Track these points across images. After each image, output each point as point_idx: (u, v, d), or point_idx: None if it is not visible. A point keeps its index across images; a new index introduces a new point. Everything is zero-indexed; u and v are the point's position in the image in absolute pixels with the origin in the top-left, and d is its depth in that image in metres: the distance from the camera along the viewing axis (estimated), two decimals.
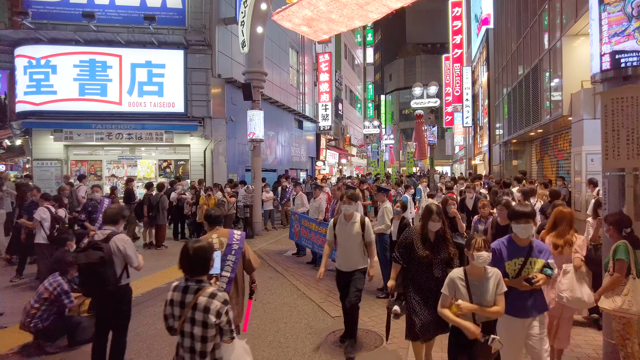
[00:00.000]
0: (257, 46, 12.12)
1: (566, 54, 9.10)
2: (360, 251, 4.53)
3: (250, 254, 4.08)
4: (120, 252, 3.71)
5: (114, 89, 13.39)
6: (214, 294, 2.46)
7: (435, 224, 3.66)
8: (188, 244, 2.61)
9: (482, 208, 5.61)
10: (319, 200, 8.61)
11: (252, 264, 4.05)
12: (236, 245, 4.01)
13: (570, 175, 10.77)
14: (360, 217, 4.57)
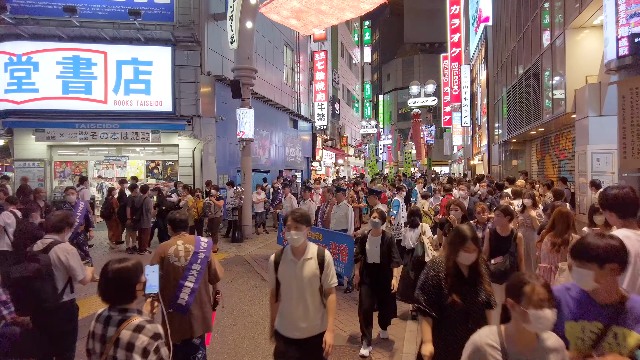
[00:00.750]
0: (246, 42, 11.63)
1: (569, 47, 8.63)
2: (318, 304, 3.00)
3: (216, 264, 3.69)
4: (62, 264, 3.22)
5: (99, 87, 12.89)
6: (141, 326, 1.98)
7: (469, 255, 2.57)
8: (108, 264, 2.11)
9: (481, 213, 5.06)
10: (308, 202, 8.11)
11: (218, 274, 3.68)
12: (202, 254, 3.59)
13: (574, 176, 10.31)
14: (318, 252, 3.01)
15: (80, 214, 7.23)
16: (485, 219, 4.95)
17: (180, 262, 3.51)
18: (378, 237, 4.66)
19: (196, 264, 3.55)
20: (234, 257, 9.39)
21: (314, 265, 2.94)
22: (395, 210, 8.02)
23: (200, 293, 3.54)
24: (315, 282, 2.93)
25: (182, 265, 3.50)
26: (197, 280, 3.51)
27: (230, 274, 7.99)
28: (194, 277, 3.51)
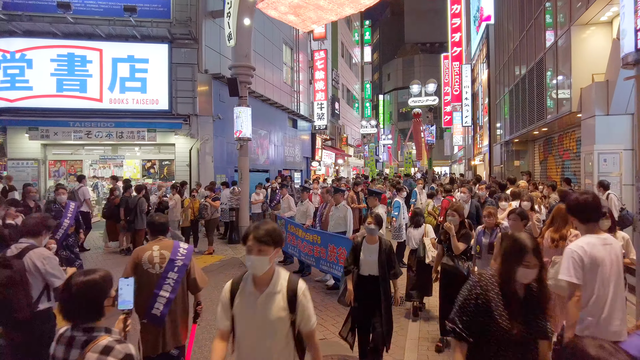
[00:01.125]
0: (244, 39, 11.39)
1: (575, 45, 8.40)
2: (287, 357, 2.19)
3: (196, 272, 3.45)
4: (37, 271, 2.99)
5: (94, 84, 12.65)
6: (110, 347, 1.74)
7: (529, 271, 2.12)
8: (72, 277, 1.87)
9: (488, 217, 4.70)
10: (306, 203, 7.88)
11: (198, 283, 3.44)
12: (180, 262, 3.36)
13: (580, 177, 10.08)
14: (289, 283, 2.23)
15: (71, 214, 6.97)
16: (493, 223, 4.61)
17: (155, 270, 3.28)
18: (375, 244, 4.01)
19: (172, 272, 3.32)
20: (229, 260, 9.15)
21: (281, 302, 2.14)
22: (396, 212, 7.80)
23: (177, 304, 3.32)
24: (282, 325, 2.13)
25: (156, 273, 3.28)
26: (173, 289, 3.29)
27: (225, 276, 7.75)
28: (170, 287, 3.29)
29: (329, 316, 5.64)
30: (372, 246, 4.01)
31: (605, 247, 2.58)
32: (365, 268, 4.00)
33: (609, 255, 2.57)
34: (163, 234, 3.51)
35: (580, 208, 2.66)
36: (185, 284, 3.42)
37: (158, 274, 3.28)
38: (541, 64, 10.83)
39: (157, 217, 3.52)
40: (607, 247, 2.59)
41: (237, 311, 2.19)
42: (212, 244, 10.04)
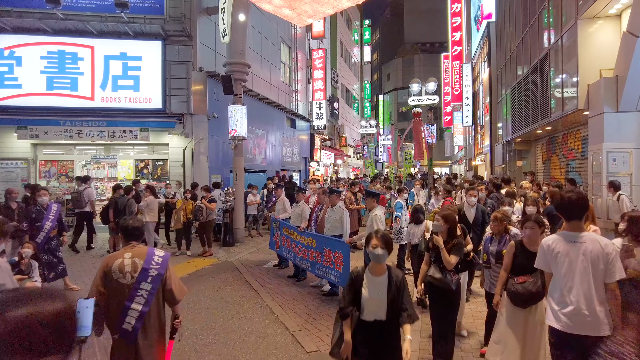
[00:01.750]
0: (239, 35, 11.06)
1: (582, 40, 8.05)
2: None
3: (173, 282, 3.13)
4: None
5: (86, 82, 12.30)
6: None
7: None
8: (7, 306, 1.29)
9: (494, 222, 4.27)
10: (301, 205, 7.53)
11: (175, 295, 3.13)
12: (154, 271, 3.02)
13: (586, 177, 9.73)
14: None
15: (53, 216, 6.65)
16: (502, 229, 4.22)
17: (126, 280, 2.96)
18: (382, 276, 2.93)
19: (145, 282, 2.99)
20: (222, 263, 8.80)
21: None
22: (399, 212, 7.46)
23: (151, 318, 3.00)
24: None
25: (127, 283, 2.95)
26: (146, 302, 2.96)
27: (217, 281, 7.41)
28: (143, 299, 2.97)
29: (324, 325, 5.29)
30: (378, 279, 2.93)
31: (573, 244, 2.78)
32: (370, 310, 2.91)
33: (576, 251, 2.76)
34: (137, 239, 3.19)
35: (564, 206, 2.86)
36: (161, 296, 3.10)
37: (129, 285, 2.96)
38: (545, 61, 10.48)
39: (130, 221, 3.19)
40: (575, 244, 2.77)
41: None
42: (211, 245, 9.71)
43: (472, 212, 6.12)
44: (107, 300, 2.94)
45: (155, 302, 3.04)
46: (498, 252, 4.11)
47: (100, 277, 2.96)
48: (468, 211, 6.16)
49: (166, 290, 3.10)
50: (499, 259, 4.00)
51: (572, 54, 8.44)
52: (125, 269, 2.98)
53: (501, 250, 4.04)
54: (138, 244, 3.18)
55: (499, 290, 3.74)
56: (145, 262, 3.04)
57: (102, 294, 2.93)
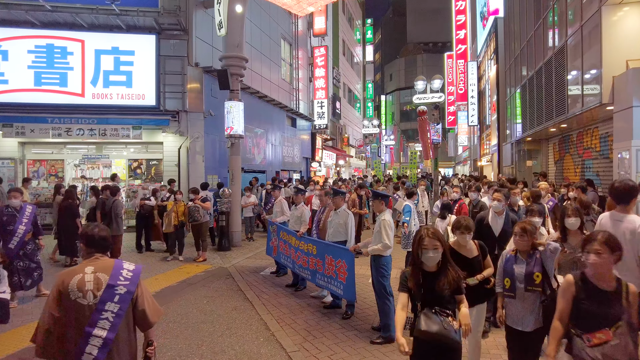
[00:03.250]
0: (236, 27, 10.45)
1: (606, 28, 7.41)
2: None
3: (146, 301, 2.54)
4: None
5: (76, 78, 11.73)
6: None
7: None
8: None
9: (525, 236, 3.19)
10: (300, 208, 6.91)
11: (148, 317, 2.54)
12: (122, 288, 2.44)
13: (606, 177, 9.09)
14: None
15: (27, 219, 6.05)
16: (528, 245, 3.22)
17: (87, 300, 2.37)
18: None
19: (112, 302, 2.39)
20: (216, 270, 8.17)
21: None
22: (407, 217, 6.82)
23: (118, 346, 2.41)
24: None
25: (89, 304, 2.36)
26: (112, 326, 2.38)
27: (208, 291, 6.79)
28: (108, 323, 2.37)
29: (325, 345, 4.67)
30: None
31: (615, 222, 3.40)
32: None
33: (618, 228, 3.30)
34: (103, 250, 2.59)
35: (616, 191, 3.45)
36: (131, 318, 2.51)
37: (91, 306, 2.37)
38: (561, 54, 9.84)
39: (97, 229, 2.59)
40: (617, 222, 3.39)
41: None
42: (205, 250, 9.10)
43: (500, 223, 4.73)
44: (62, 326, 2.35)
45: (123, 327, 2.45)
46: (528, 275, 3.12)
47: (54, 298, 2.37)
48: (494, 221, 4.77)
49: (137, 311, 2.51)
50: (531, 285, 3.10)
51: (594, 44, 7.80)
52: (86, 286, 2.38)
53: (533, 272, 3.12)
54: (103, 256, 2.58)
55: (552, 352, 2.48)
56: (112, 277, 2.45)
57: (57, 319, 2.34)
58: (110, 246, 2.68)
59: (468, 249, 3.61)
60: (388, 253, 4.81)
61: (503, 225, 4.69)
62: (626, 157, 6.90)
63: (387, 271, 4.79)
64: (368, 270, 5.26)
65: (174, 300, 6.28)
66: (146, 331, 2.59)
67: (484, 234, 4.57)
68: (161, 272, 8.00)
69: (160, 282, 7.24)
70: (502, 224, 4.70)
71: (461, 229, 3.54)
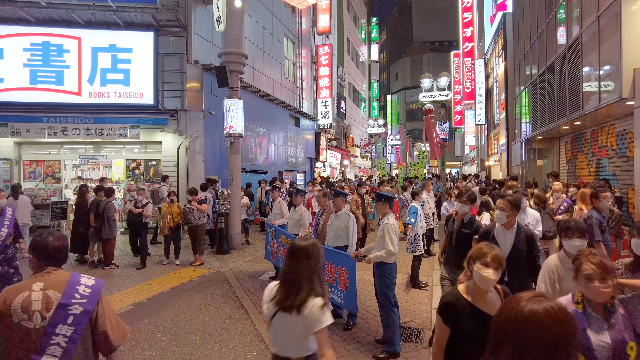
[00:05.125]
0: (235, 22, 10.10)
1: (626, 18, 6.95)
2: None
3: (108, 322, 2.16)
4: None
5: (72, 76, 11.44)
6: None
7: None
8: None
9: (608, 278, 1.94)
10: (300, 210, 6.52)
11: (111, 339, 2.16)
12: (78, 308, 2.06)
13: (623, 177, 8.61)
14: None
15: (9, 222, 5.70)
16: (610, 294, 1.97)
17: (33, 322, 1.99)
18: None
19: (64, 324, 2.01)
20: (212, 274, 7.80)
21: None
22: (413, 219, 6.41)
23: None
24: None
25: (35, 328, 1.98)
26: (65, 353, 2.00)
27: (202, 297, 6.42)
28: (60, 349, 2.00)
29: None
30: None
31: None
32: None
33: None
34: (57, 263, 2.21)
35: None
36: (90, 342, 2.12)
37: (39, 330, 1.99)
38: (576, 47, 9.37)
39: (50, 237, 2.21)
40: None
41: None
42: (202, 253, 8.74)
43: (509, 239, 3.60)
44: (4, 353, 1.99)
45: (80, 352, 2.07)
46: (618, 346, 1.87)
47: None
48: (501, 236, 3.65)
49: (98, 333, 2.13)
50: None
51: (612, 36, 7.34)
52: (32, 306, 2.01)
53: (624, 340, 1.89)
54: (57, 269, 2.20)
55: None
56: (65, 295, 2.06)
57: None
58: (66, 258, 2.30)
59: (489, 302, 2.19)
60: (393, 260, 4.41)
61: (513, 241, 3.59)
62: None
63: (391, 280, 4.38)
64: (372, 276, 4.85)
65: (165, 308, 5.91)
66: (109, 355, 2.21)
67: (531, 254, 3.62)
68: (155, 276, 7.65)
69: (153, 288, 6.89)
70: (512, 240, 3.60)
71: (486, 260, 2.17)
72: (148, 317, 5.55)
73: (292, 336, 2.21)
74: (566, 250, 2.91)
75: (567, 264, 2.78)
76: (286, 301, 2.21)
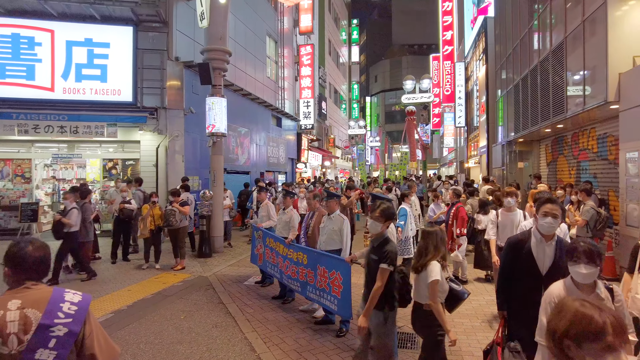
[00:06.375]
0: (219, 18, 9.81)
1: (613, 22, 7.03)
2: None
3: (97, 343, 1.89)
4: None
5: (44, 71, 10.90)
6: None
7: None
8: None
9: None
10: (289, 212, 6.30)
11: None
12: (62, 329, 1.79)
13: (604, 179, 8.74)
14: None
15: None
16: None
17: (8, 347, 1.72)
18: None
19: (46, 349, 1.75)
20: (195, 279, 7.50)
21: None
22: (402, 221, 6.30)
23: None
24: None
25: (11, 353, 1.72)
26: None
27: (186, 304, 6.12)
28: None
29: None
30: None
31: None
32: None
33: None
34: (37, 277, 1.93)
35: None
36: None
37: (14, 355, 1.71)
38: (560, 51, 9.48)
39: (29, 247, 1.92)
40: None
41: None
42: (184, 257, 8.40)
43: (549, 253, 2.98)
44: None
45: None
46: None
47: None
48: (539, 249, 3.00)
49: (84, 356, 1.85)
50: None
51: (599, 39, 7.42)
52: (7, 328, 1.72)
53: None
54: (38, 284, 1.92)
55: None
56: (46, 314, 1.78)
57: None
58: (47, 270, 2.03)
59: None
60: None
61: (554, 257, 2.96)
62: (635, 158, 6.53)
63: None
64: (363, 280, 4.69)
65: (147, 316, 5.60)
66: None
67: (522, 269, 3.04)
68: (135, 282, 7.29)
69: (133, 294, 6.54)
70: (552, 255, 2.97)
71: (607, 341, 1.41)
72: (129, 326, 5.24)
73: None
74: (573, 278, 2.36)
75: (574, 295, 2.23)
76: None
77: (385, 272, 3.25)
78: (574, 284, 2.33)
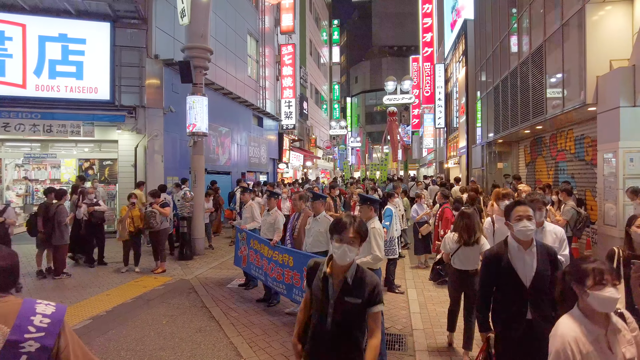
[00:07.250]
0: (200, 16, 9.59)
1: (590, 27, 7.21)
2: None
3: (72, 356, 1.70)
4: None
5: (15, 67, 10.46)
6: None
7: None
8: None
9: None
10: (274, 213, 6.20)
11: None
12: (33, 344, 1.62)
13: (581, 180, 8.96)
14: None
15: None
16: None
17: None
18: None
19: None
20: (177, 282, 7.31)
21: None
22: (388, 222, 6.27)
23: None
24: None
25: None
26: None
27: (168, 308, 5.95)
28: None
29: None
30: None
31: None
32: None
33: None
34: (3, 288, 1.75)
35: None
36: None
37: None
38: (539, 54, 9.69)
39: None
40: None
41: None
42: (164, 260, 8.18)
43: (529, 263, 2.73)
44: None
45: None
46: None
47: None
48: (518, 259, 2.76)
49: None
50: None
51: (578, 43, 7.60)
52: None
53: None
54: (5, 296, 1.75)
55: None
56: (15, 329, 1.61)
57: None
58: (17, 280, 1.87)
59: None
60: (378, 266, 4.23)
61: (536, 266, 2.71)
62: (611, 159, 6.70)
63: None
64: None
65: (128, 322, 5.41)
66: None
67: (504, 284, 2.79)
68: (114, 286, 7.06)
69: (113, 299, 6.32)
70: (533, 263, 2.72)
71: None
72: (109, 332, 5.04)
73: None
74: (589, 309, 1.78)
75: (593, 335, 1.75)
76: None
77: (379, 314, 2.25)
78: (585, 315, 1.79)
